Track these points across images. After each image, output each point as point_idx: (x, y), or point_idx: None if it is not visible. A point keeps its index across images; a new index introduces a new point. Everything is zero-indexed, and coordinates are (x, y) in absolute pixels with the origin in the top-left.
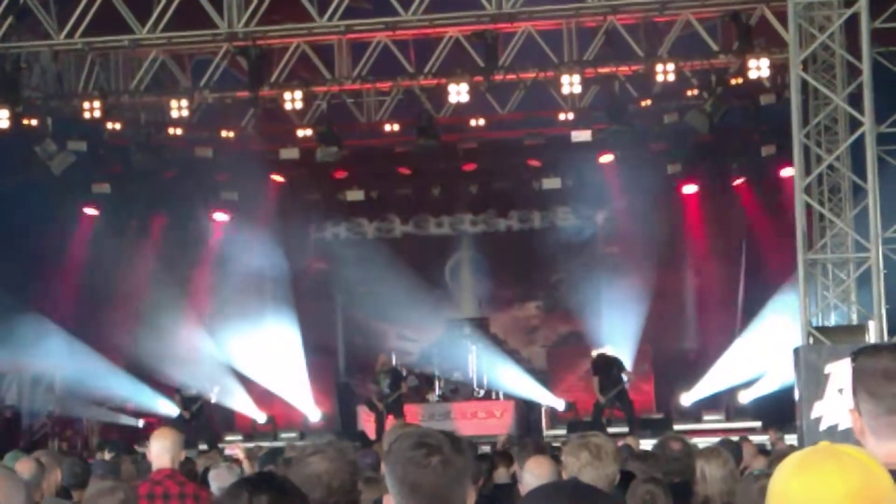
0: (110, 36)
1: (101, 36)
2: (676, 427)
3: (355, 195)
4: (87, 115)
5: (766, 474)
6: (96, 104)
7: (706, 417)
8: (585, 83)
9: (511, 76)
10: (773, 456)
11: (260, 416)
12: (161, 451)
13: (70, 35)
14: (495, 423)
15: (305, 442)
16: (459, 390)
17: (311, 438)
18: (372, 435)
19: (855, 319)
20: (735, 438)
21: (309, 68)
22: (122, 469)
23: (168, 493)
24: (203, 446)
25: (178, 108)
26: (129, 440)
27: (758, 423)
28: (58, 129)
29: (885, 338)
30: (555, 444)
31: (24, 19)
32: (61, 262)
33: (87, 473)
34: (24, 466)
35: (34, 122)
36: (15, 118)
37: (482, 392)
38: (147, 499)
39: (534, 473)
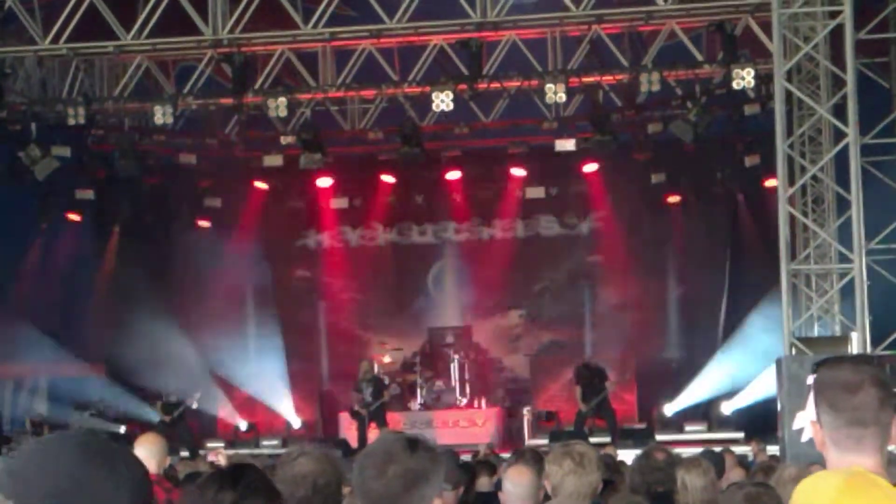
0: (95, 42)
1: (85, 42)
2: (658, 437)
3: (339, 202)
4: (71, 120)
5: (752, 484)
6: (80, 110)
7: (688, 428)
8: (570, 92)
9: (495, 84)
10: (756, 468)
11: (242, 423)
12: (146, 457)
13: (55, 41)
14: (477, 432)
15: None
16: (442, 398)
17: (293, 444)
18: (354, 443)
19: (838, 330)
20: (717, 449)
21: (293, 75)
22: None
23: (155, 499)
24: (184, 453)
25: (163, 114)
26: None
27: (740, 434)
28: (42, 135)
29: (868, 349)
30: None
31: (8, 25)
32: (44, 267)
33: None
34: None
35: (18, 128)
36: None
37: (464, 400)
38: None
39: (513, 482)
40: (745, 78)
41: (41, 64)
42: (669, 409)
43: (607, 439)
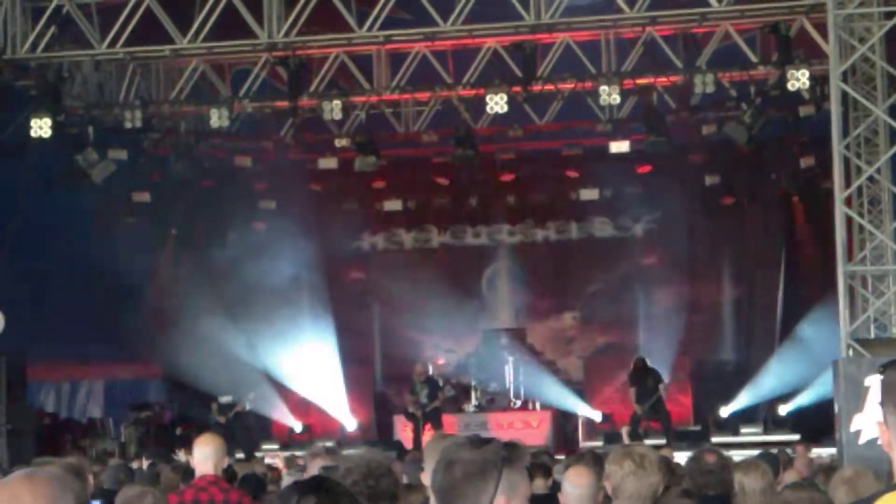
0: (151, 46)
1: (142, 46)
2: (714, 439)
3: (393, 205)
4: (127, 124)
5: (794, 487)
6: (137, 113)
7: (744, 430)
8: (623, 94)
9: (549, 87)
10: (816, 469)
11: (296, 425)
12: (204, 458)
13: (112, 45)
14: (531, 434)
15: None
16: (496, 401)
17: (348, 446)
18: (408, 444)
19: (895, 332)
20: (774, 451)
21: (348, 78)
22: (162, 476)
23: (213, 500)
24: (240, 454)
25: (218, 117)
26: (166, 447)
27: (796, 436)
28: (99, 138)
29: None
30: None
31: (66, 29)
32: (101, 269)
33: (130, 479)
34: None
35: (75, 131)
36: (57, 127)
37: (519, 402)
38: None
39: (573, 483)
40: (799, 79)
41: (98, 68)
42: (725, 410)
43: (662, 441)
